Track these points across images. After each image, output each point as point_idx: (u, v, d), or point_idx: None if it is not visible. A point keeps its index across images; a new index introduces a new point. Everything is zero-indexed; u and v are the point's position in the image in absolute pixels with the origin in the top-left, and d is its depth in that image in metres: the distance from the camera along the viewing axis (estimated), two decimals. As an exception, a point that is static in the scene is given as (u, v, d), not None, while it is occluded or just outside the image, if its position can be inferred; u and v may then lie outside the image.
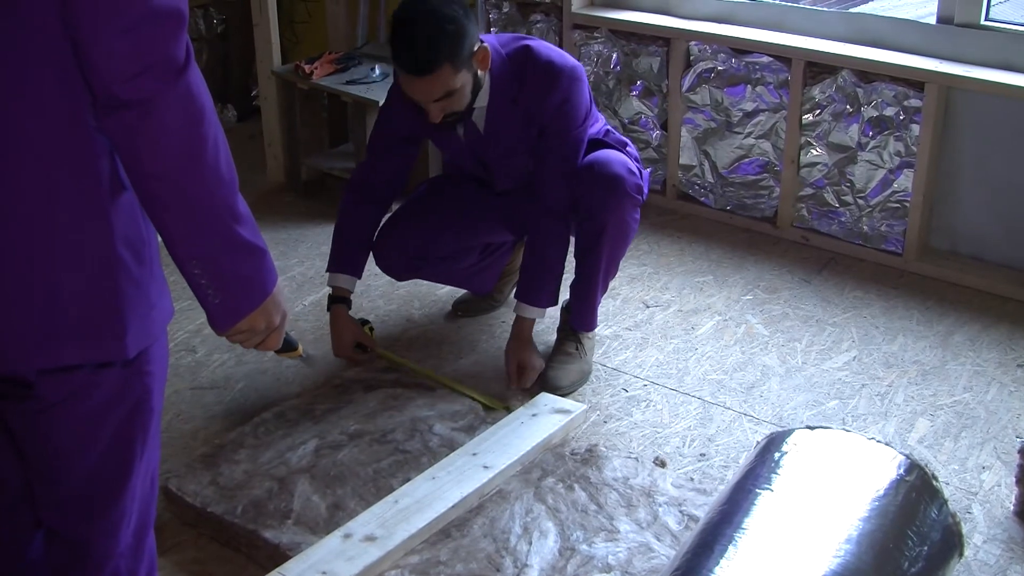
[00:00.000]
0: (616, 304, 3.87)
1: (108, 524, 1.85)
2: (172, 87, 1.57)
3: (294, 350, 2.53)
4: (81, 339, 1.68)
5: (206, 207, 1.66)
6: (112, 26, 1.52)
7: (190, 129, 1.61)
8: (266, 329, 1.82)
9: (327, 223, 4.47)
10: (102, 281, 1.67)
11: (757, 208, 4.38)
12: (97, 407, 1.76)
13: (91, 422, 1.77)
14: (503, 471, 2.90)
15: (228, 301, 1.75)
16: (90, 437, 1.79)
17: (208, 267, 1.70)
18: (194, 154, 1.62)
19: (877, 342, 3.63)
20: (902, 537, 2.17)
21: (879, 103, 3.94)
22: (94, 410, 1.76)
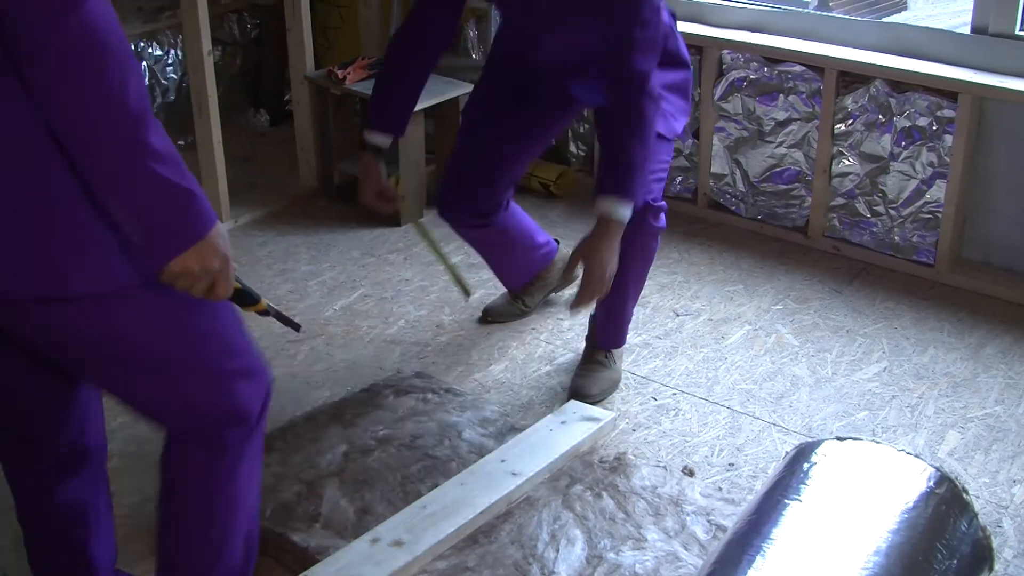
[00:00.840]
0: (646, 312, 3.87)
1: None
2: (63, 26, 1.55)
3: (256, 303, 2.11)
4: (24, 272, 1.73)
5: (116, 145, 1.64)
6: None
7: (88, 67, 1.59)
8: (202, 273, 1.78)
9: (359, 228, 4.49)
10: (41, 221, 1.71)
11: (788, 218, 4.37)
12: (60, 338, 1.85)
13: (64, 348, 1.89)
14: (531, 478, 2.91)
15: (153, 242, 1.73)
16: (77, 362, 1.94)
17: (127, 206, 1.69)
18: (97, 92, 1.60)
19: (908, 353, 3.61)
20: (931, 550, 2.16)
21: (912, 113, 3.93)
22: (61, 340, 1.86)
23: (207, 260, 1.76)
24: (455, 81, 4.58)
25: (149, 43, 5.01)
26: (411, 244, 4.39)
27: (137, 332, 1.86)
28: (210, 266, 1.78)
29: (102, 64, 1.59)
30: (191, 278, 1.77)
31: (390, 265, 4.23)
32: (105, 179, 1.66)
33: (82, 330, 1.83)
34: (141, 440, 3.06)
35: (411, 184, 4.54)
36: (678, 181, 4.62)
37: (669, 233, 4.40)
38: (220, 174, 4.33)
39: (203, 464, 2.06)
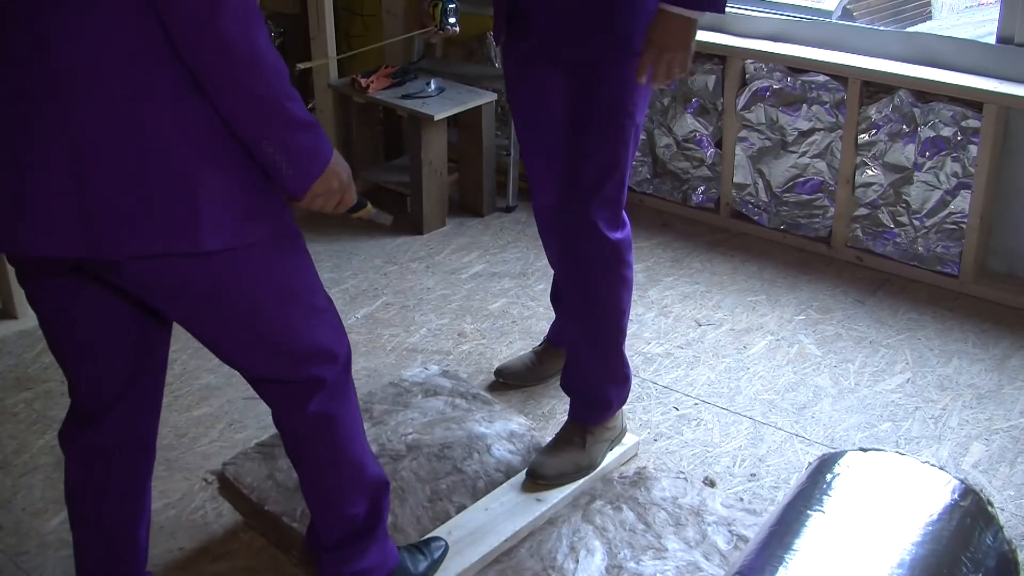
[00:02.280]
0: (668, 322, 3.86)
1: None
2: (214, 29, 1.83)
3: (364, 208, 2.46)
4: (160, 230, 1.91)
5: (268, 96, 1.92)
6: None
7: (244, 32, 1.86)
8: (339, 188, 2.09)
9: (381, 236, 4.50)
10: (182, 175, 1.91)
11: (811, 227, 4.36)
12: (187, 295, 2.05)
13: (191, 304, 2.08)
14: (555, 504, 2.90)
15: (300, 169, 2.01)
16: (196, 318, 2.12)
17: (278, 144, 1.96)
18: (253, 54, 1.88)
19: (931, 364, 3.59)
20: (956, 563, 2.14)
21: (936, 123, 3.91)
22: (190, 296, 2.05)
23: (339, 174, 2.08)
24: (477, 90, 4.58)
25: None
26: (433, 252, 4.40)
27: (257, 282, 2.08)
28: (343, 179, 2.10)
29: (252, 30, 1.87)
30: (329, 194, 2.08)
31: (412, 273, 4.23)
32: (260, 124, 1.94)
33: (203, 283, 2.03)
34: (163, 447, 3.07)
35: (433, 192, 4.55)
36: (701, 191, 4.61)
37: (692, 243, 4.41)
38: (243, 182, 4.33)
39: (307, 409, 2.26)
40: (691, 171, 4.63)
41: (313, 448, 2.32)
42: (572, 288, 2.91)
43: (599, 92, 2.72)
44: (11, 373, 3.56)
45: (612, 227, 2.79)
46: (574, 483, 2.96)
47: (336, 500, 2.38)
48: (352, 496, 2.38)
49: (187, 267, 1.98)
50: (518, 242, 4.50)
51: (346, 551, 2.42)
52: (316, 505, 2.40)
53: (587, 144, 2.74)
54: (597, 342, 2.94)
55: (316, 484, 2.38)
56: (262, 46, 1.91)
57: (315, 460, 2.35)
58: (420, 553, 2.60)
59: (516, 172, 4.78)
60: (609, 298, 2.86)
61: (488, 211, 4.76)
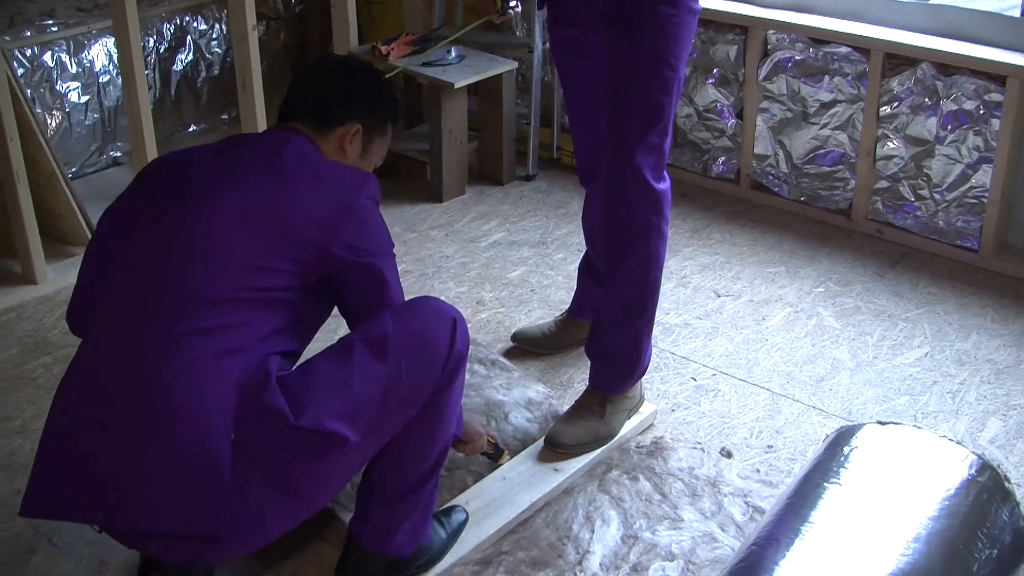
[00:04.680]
0: (687, 293, 3.86)
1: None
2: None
3: (501, 454, 2.93)
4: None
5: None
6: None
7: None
8: (476, 434, 2.74)
9: (400, 203, 4.51)
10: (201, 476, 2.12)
11: (831, 200, 4.34)
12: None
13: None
14: (572, 475, 2.91)
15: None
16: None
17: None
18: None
19: (950, 339, 3.59)
20: (972, 539, 2.15)
21: (959, 97, 3.89)
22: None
23: (474, 428, 2.74)
24: (498, 58, 4.57)
25: (194, 17, 5.02)
26: (453, 220, 4.40)
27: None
28: (478, 431, 2.76)
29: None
30: (472, 442, 2.74)
31: (431, 241, 4.23)
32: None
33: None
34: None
35: (453, 160, 4.54)
36: (721, 161, 4.60)
37: (712, 214, 4.40)
38: (263, 148, 4.33)
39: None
40: (712, 142, 4.61)
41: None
42: (611, 237, 2.92)
43: (640, 46, 2.75)
44: (31, 338, 3.58)
45: (655, 176, 2.83)
46: (591, 453, 2.97)
47: (428, 445, 2.43)
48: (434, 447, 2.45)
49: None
50: (538, 211, 4.50)
51: (406, 503, 2.46)
52: (400, 450, 2.41)
53: (630, 96, 2.77)
54: (629, 300, 2.95)
55: (417, 430, 2.40)
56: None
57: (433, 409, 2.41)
58: (439, 524, 2.62)
59: (536, 141, 4.77)
60: (645, 248, 2.89)
61: (508, 180, 4.76)
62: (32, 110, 3.88)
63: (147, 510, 2.11)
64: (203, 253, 2.20)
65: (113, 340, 2.21)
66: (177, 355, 2.12)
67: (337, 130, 2.46)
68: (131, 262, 2.26)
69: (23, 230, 3.74)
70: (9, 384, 3.34)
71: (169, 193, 2.31)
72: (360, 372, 2.22)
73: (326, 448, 2.18)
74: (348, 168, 2.41)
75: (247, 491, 2.14)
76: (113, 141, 4.81)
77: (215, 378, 2.12)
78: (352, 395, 2.20)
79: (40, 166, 3.87)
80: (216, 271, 2.19)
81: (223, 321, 2.16)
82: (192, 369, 2.12)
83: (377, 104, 2.55)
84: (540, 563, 2.59)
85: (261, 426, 2.13)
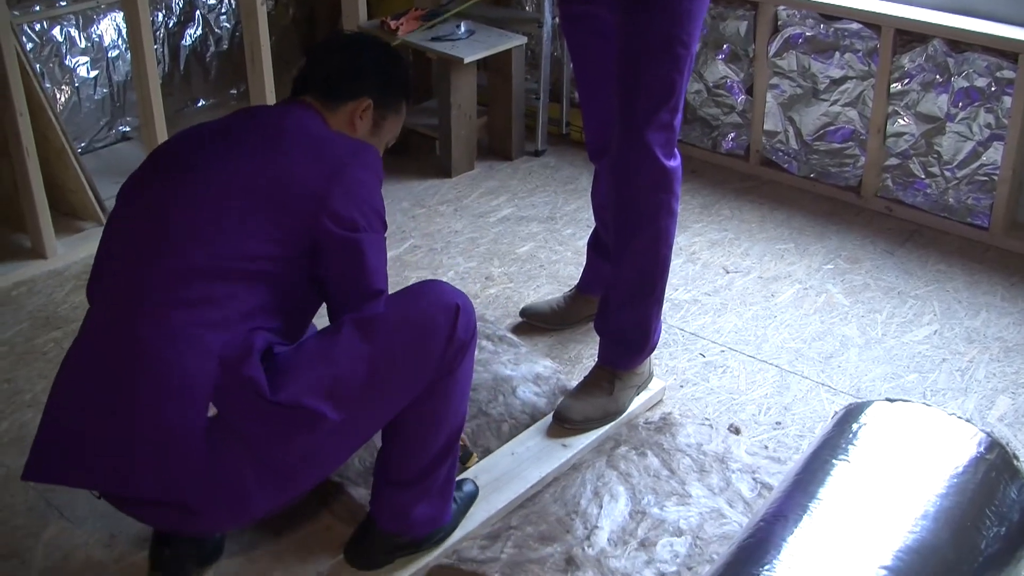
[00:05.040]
0: (696, 269, 3.86)
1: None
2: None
3: (469, 457, 2.87)
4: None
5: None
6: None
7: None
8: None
9: (409, 179, 4.51)
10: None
11: (841, 177, 4.33)
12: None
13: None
14: (581, 450, 2.92)
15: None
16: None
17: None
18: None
19: (959, 317, 3.58)
20: (980, 516, 2.15)
21: (970, 73, 3.88)
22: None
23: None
24: (508, 33, 4.56)
25: (203, -10, 5.02)
26: (461, 196, 4.40)
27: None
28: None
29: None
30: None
31: (440, 216, 4.24)
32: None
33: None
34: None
35: (462, 135, 4.54)
36: (731, 137, 4.59)
37: (721, 190, 4.40)
38: (272, 123, 4.33)
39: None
40: (721, 118, 4.60)
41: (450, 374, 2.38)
42: (620, 214, 2.91)
43: (652, 23, 2.73)
44: (41, 313, 3.59)
45: (666, 153, 2.81)
46: (600, 428, 2.97)
47: (433, 432, 2.42)
48: (444, 432, 2.44)
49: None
50: (547, 186, 4.50)
51: (417, 487, 2.46)
52: (414, 433, 2.41)
53: (642, 74, 2.75)
54: (639, 277, 2.95)
55: (419, 416, 2.40)
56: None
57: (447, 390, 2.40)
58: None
59: (546, 116, 4.76)
60: (655, 225, 2.88)
61: (517, 155, 4.75)
62: (41, 85, 3.88)
63: (124, 475, 2.14)
64: (192, 223, 2.20)
65: (106, 311, 2.24)
66: (160, 326, 2.13)
67: (347, 105, 2.44)
68: (127, 233, 2.28)
69: (33, 205, 3.75)
70: (20, 358, 3.35)
71: (171, 164, 2.32)
72: (346, 351, 2.20)
73: (305, 425, 2.17)
74: (349, 139, 2.39)
75: (227, 464, 2.15)
76: (122, 116, 4.81)
77: (195, 349, 2.12)
78: (334, 373, 2.18)
79: (50, 141, 3.87)
80: (204, 241, 2.19)
81: (206, 294, 2.16)
82: (173, 340, 2.12)
83: (390, 80, 2.52)
84: (548, 538, 2.60)
85: (241, 400, 2.13)
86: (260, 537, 2.65)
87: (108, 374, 2.17)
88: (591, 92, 3.09)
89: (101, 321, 2.24)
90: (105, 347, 2.19)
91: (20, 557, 2.61)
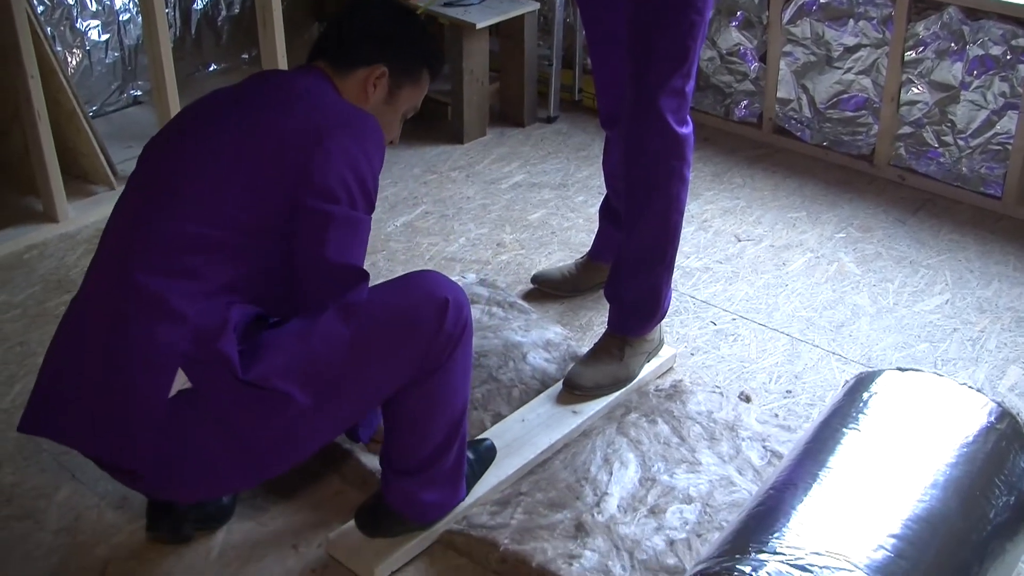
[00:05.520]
0: (708, 237, 3.85)
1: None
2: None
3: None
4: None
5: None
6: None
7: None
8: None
9: (421, 145, 4.50)
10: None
11: (854, 145, 4.32)
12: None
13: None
14: (591, 417, 2.92)
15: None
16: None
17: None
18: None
19: (971, 286, 3.58)
20: (989, 485, 2.15)
21: (985, 42, 3.85)
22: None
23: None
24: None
25: (215, -46, 5.00)
26: (473, 162, 4.39)
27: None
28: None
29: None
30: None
31: (452, 182, 4.23)
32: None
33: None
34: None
35: (475, 101, 4.53)
36: (743, 105, 4.57)
37: (733, 158, 4.39)
38: (284, 87, 4.32)
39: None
40: (734, 85, 4.58)
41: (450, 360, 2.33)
42: (632, 181, 2.90)
43: None
44: (52, 276, 3.59)
45: (678, 120, 2.80)
46: (610, 395, 2.98)
47: (430, 424, 2.38)
48: (448, 419, 2.40)
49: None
50: (559, 153, 4.49)
51: (422, 475, 2.44)
52: (410, 425, 2.38)
53: (655, 40, 2.73)
54: (650, 244, 2.94)
55: (412, 408, 2.36)
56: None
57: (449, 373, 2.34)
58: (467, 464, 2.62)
59: (558, 83, 4.75)
60: (667, 192, 2.86)
61: (529, 121, 4.74)
62: (53, 48, 3.87)
63: (88, 436, 2.16)
64: (177, 190, 2.18)
65: (95, 273, 2.25)
66: (137, 292, 2.11)
67: (358, 71, 2.35)
68: (124, 198, 2.28)
69: (44, 169, 3.75)
70: (32, 321, 3.36)
71: (179, 129, 2.30)
72: (323, 336, 2.15)
73: (275, 406, 2.13)
74: (347, 106, 2.29)
75: (198, 436, 2.14)
76: (134, 80, 4.81)
77: (169, 319, 2.09)
78: (309, 357, 2.14)
79: (61, 105, 3.87)
80: (187, 210, 2.16)
81: (186, 262, 2.13)
82: (147, 307, 2.10)
83: (409, 47, 2.41)
84: (558, 504, 2.61)
85: (213, 375, 2.11)
86: (271, 500, 2.66)
87: (87, 335, 2.18)
88: (603, 58, 3.08)
89: (91, 282, 2.25)
90: (90, 308, 2.20)
91: (34, 518, 2.62)
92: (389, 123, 2.43)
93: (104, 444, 2.15)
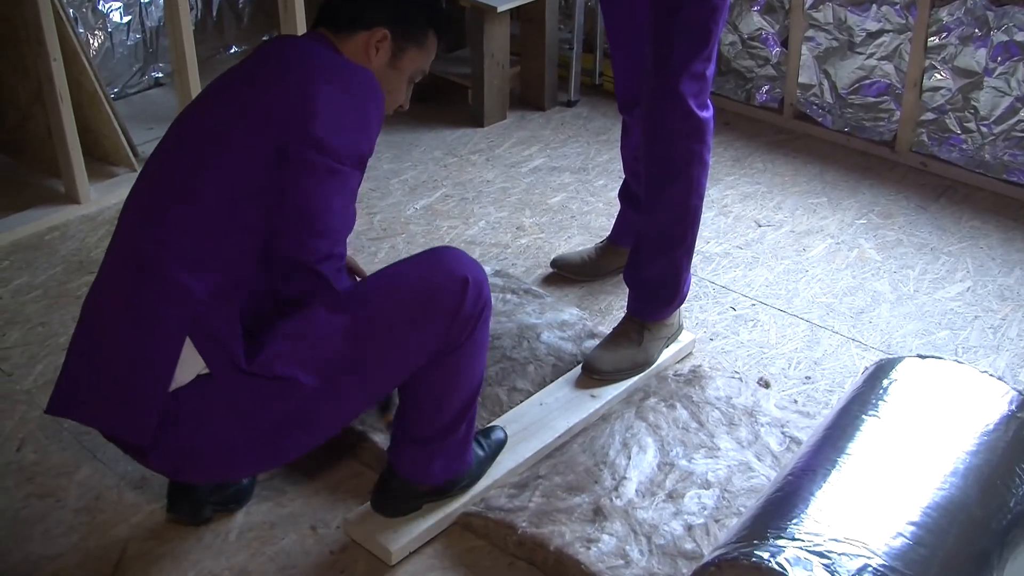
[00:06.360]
0: (728, 222, 3.85)
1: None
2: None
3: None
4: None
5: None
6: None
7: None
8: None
9: (441, 128, 4.49)
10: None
11: (876, 131, 4.30)
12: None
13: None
14: (610, 401, 2.92)
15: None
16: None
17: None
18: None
19: (993, 274, 3.56)
20: (1010, 474, 2.14)
21: (1010, 28, 3.83)
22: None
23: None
24: (542, -18, 4.54)
25: (237, -65, 5.00)
26: (493, 145, 4.39)
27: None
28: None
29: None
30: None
31: (472, 166, 4.23)
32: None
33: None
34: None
35: (495, 84, 4.52)
36: (765, 90, 4.56)
37: (754, 143, 4.37)
38: (305, 70, 4.32)
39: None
40: (755, 70, 4.57)
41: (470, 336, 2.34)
42: (652, 165, 2.89)
43: None
44: (74, 257, 3.61)
45: (699, 104, 2.79)
46: (629, 379, 2.98)
47: (447, 397, 2.40)
48: (464, 390, 2.41)
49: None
50: (579, 137, 4.48)
51: (435, 444, 2.45)
52: (427, 398, 2.39)
53: (677, 23, 2.71)
54: (669, 228, 2.93)
55: (431, 383, 2.36)
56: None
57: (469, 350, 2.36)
58: (478, 445, 2.63)
59: (579, 66, 4.74)
60: (687, 176, 2.85)
61: (549, 105, 4.73)
62: (75, 30, 3.88)
63: (96, 412, 2.20)
64: (176, 169, 2.20)
65: (113, 253, 2.26)
66: (145, 272, 2.13)
67: (359, 35, 2.29)
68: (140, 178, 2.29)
69: (66, 150, 3.76)
70: (54, 302, 3.37)
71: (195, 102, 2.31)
72: (330, 320, 2.17)
73: (283, 392, 2.15)
74: (341, 60, 2.25)
75: (212, 423, 2.16)
76: (155, 62, 4.82)
77: (176, 301, 2.10)
78: (318, 340, 2.15)
79: (83, 86, 3.88)
80: (189, 187, 2.16)
81: (191, 248, 2.13)
82: (153, 290, 2.12)
83: (411, 9, 2.35)
84: (576, 488, 2.61)
85: (221, 359, 2.13)
86: (290, 482, 2.67)
87: (104, 318, 2.20)
88: (621, 41, 3.07)
89: (106, 265, 2.27)
90: (106, 291, 2.22)
91: (56, 496, 2.64)
92: (395, 88, 2.38)
93: (119, 425, 2.18)
